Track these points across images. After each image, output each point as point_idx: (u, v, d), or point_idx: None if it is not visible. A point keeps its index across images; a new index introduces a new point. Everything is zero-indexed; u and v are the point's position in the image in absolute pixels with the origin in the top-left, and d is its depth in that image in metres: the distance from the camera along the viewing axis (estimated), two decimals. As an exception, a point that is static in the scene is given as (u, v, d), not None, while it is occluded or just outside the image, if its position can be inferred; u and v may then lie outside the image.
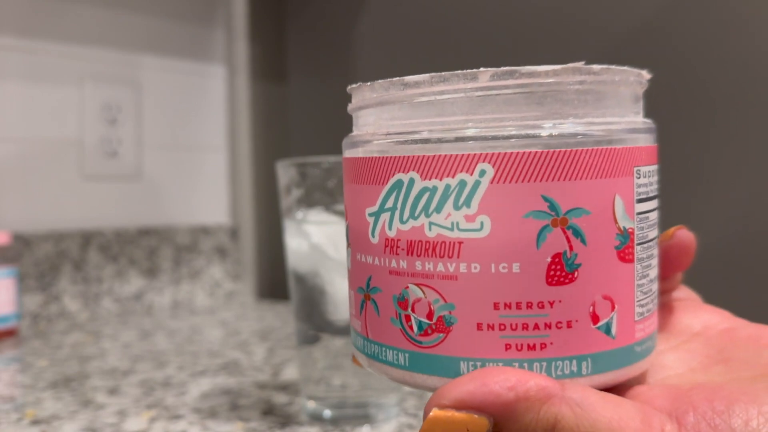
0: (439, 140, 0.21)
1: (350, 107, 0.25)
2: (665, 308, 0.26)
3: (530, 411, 0.19)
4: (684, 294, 0.27)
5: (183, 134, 0.97)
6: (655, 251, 0.23)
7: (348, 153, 0.24)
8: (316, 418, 0.46)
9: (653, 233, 0.23)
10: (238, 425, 0.45)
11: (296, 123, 1.01)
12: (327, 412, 0.45)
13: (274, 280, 1.00)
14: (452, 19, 0.81)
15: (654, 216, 0.23)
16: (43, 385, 0.55)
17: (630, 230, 0.21)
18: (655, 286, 0.23)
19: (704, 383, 0.21)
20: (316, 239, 0.44)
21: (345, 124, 0.26)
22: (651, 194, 0.22)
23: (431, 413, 0.19)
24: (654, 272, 0.23)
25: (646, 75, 0.23)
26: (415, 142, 0.21)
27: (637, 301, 0.22)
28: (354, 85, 0.24)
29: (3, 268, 0.72)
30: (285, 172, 0.46)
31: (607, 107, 0.21)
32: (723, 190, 0.61)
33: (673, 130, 0.63)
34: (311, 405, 0.46)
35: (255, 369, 0.60)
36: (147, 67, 0.93)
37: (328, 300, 0.44)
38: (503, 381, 0.19)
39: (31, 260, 0.79)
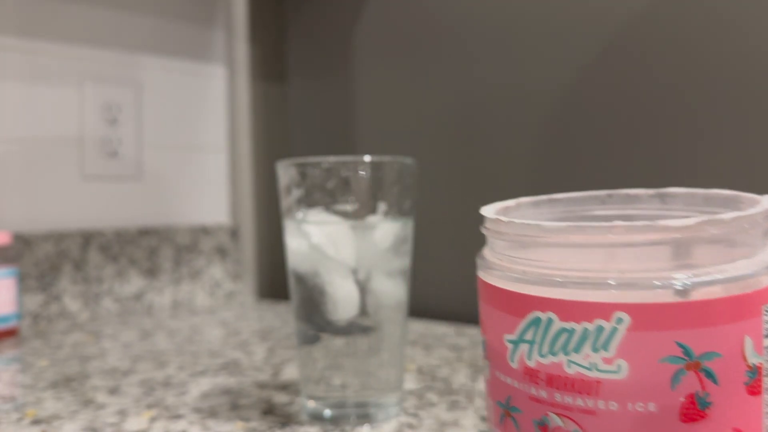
0: (576, 285, 0.22)
1: (487, 232, 0.27)
2: None
3: None
4: None
5: (183, 134, 0.98)
6: None
7: (484, 274, 0.26)
8: (316, 418, 0.46)
9: None
10: (238, 425, 0.45)
11: (296, 123, 1.01)
12: (327, 412, 0.45)
13: (274, 280, 1.00)
14: (451, 19, 0.81)
15: None
16: (44, 385, 0.55)
17: (758, 365, 0.23)
18: None
19: None
20: (316, 239, 0.44)
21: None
22: None
23: None
24: None
25: None
26: (553, 284, 0.23)
27: (766, 429, 0.23)
28: (491, 217, 0.26)
29: (3, 268, 0.72)
30: (285, 172, 0.46)
31: (737, 250, 0.23)
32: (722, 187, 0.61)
33: (673, 128, 0.63)
34: (311, 405, 0.46)
35: (255, 369, 0.60)
36: (147, 67, 0.93)
37: (328, 300, 0.44)
38: None
39: (31, 260, 0.79)
